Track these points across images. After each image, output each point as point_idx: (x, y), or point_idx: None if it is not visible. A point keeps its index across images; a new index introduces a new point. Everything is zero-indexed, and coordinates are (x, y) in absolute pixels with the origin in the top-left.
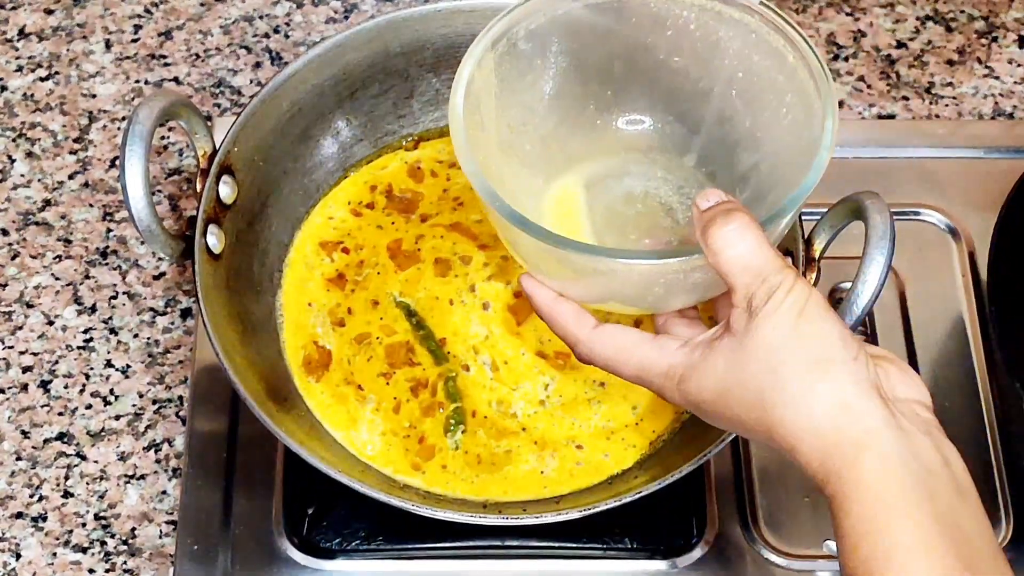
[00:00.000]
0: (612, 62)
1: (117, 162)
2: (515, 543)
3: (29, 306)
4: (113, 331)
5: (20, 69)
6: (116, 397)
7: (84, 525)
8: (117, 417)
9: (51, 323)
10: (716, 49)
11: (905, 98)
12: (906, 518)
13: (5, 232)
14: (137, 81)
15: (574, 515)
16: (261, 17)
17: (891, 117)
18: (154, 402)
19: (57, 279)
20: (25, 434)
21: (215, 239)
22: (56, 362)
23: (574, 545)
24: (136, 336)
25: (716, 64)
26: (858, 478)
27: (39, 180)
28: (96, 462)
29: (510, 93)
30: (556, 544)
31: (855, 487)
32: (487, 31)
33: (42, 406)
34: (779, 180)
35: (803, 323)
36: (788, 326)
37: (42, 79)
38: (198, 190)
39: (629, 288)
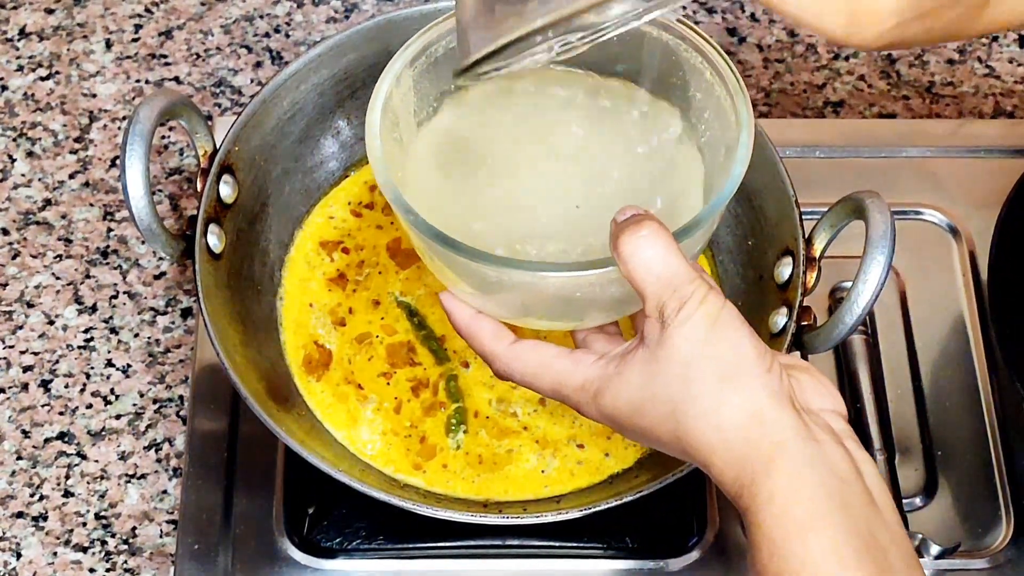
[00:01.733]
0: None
1: (118, 162)
2: (516, 542)
3: (30, 305)
4: (114, 330)
5: (21, 69)
6: (117, 396)
7: (85, 524)
8: (118, 416)
9: (52, 323)
10: (640, 64)
11: (906, 97)
12: (818, 530)
13: (6, 231)
14: (138, 81)
15: (574, 514)
16: (262, 17)
17: (891, 116)
18: (155, 401)
19: (58, 278)
20: (26, 433)
21: (216, 238)
22: (57, 362)
23: (575, 545)
24: (137, 336)
25: (639, 77)
26: (770, 490)
27: (40, 179)
28: (97, 461)
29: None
30: (556, 544)
31: (767, 499)
32: (405, 48)
33: (43, 405)
34: (709, 189)
35: (715, 334)
36: (700, 337)
37: (43, 79)
38: (198, 189)
39: (545, 302)
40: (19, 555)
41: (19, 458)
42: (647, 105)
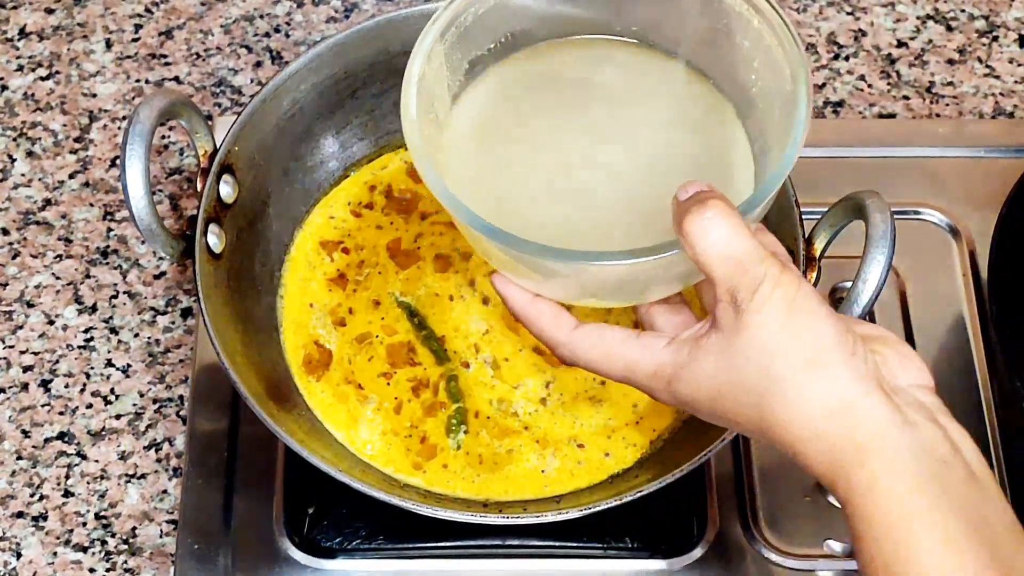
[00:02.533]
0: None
1: (118, 161)
2: (516, 542)
3: (30, 305)
4: (114, 330)
5: (21, 68)
6: (117, 396)
7: (85, 524)
8: (118, 416)
9: (52, 322)
10: (680, 16)
11: (906, 97)
12: (926, 517)
13: (6, 231)
14: (138, 80)
15: (575, 514)
16: (262, 16)
17: (892, 116)
18: (155, 401)
19: (58, 278)
20: (26, 433)
21: (216, 238)
22: (57, 361)
23: (575, 544)
24: (137, 335)
25: (677, 33)
26: (870, 481)
27: (40, 179)
28: (97, 461)
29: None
30: (557, 543)
31: (868, 490)
32: (433, 22)
33: (43, 405)
34: (765, 150)
35: (794, 319)
36: (778, 323)
37: (43, 78)
38: (199, 189)
39: (606, 285)
40: (19, 555)
41: (19, 458)
42: (687, 76)
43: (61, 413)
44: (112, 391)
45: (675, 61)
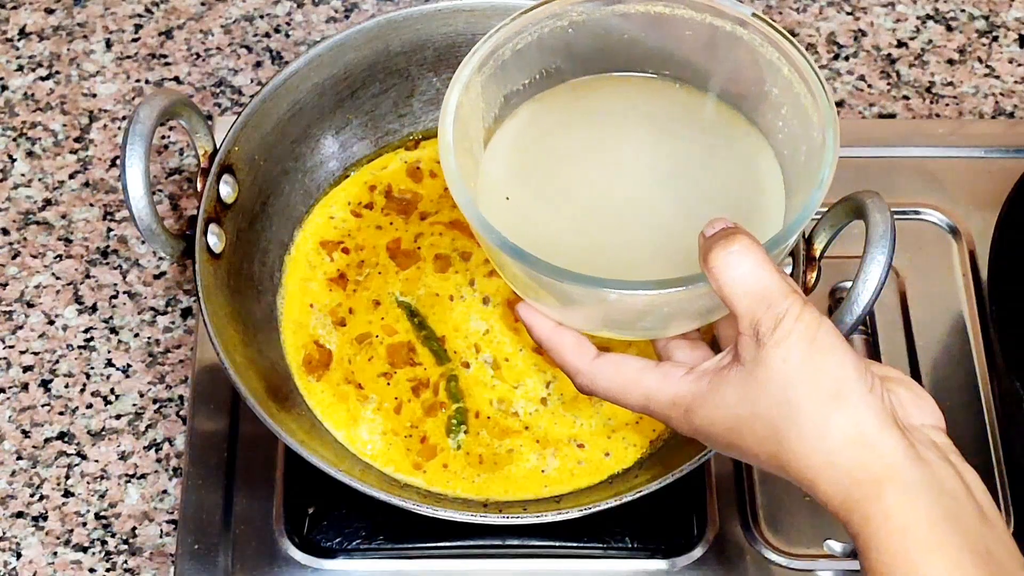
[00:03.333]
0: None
1: (118, 161)
2: (516, 542)
3: (30, 305)
4: (114, 330)
5: (21, 68)
6: (117, 396)
7: (85, 524)
8: (118, 416)
9: (52, 322)
10: (711, 60)
11: (906, 97)
12: (937, 551)
13: (6, 231)
14: (138, 80)
15: (575, 514)
16: (262, 16)
17: (891, 116)
18: (155, 401)
19: (58, 278)
20: (26, 433)
21: (216, 238)
22: (57, 361)
23: (575, 544)
24: (137, 335)
25: (708, 76)
26: (884, 513)
27: (40, 179)
28: (97, 461)
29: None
30: (557, 543)
31: (882, 523)
32: (473, 54)
33: (43, 405)
34: (790, 191)
35: (815, 353)
36: (799, 357)
37: (43, 78)
38: (199, 189)
39: (629, 316)
40: (19, 555)
41: (19, 458)
42: (718, 110)
43: (61, 413)
44: (112, 391)
45: (707, 97)
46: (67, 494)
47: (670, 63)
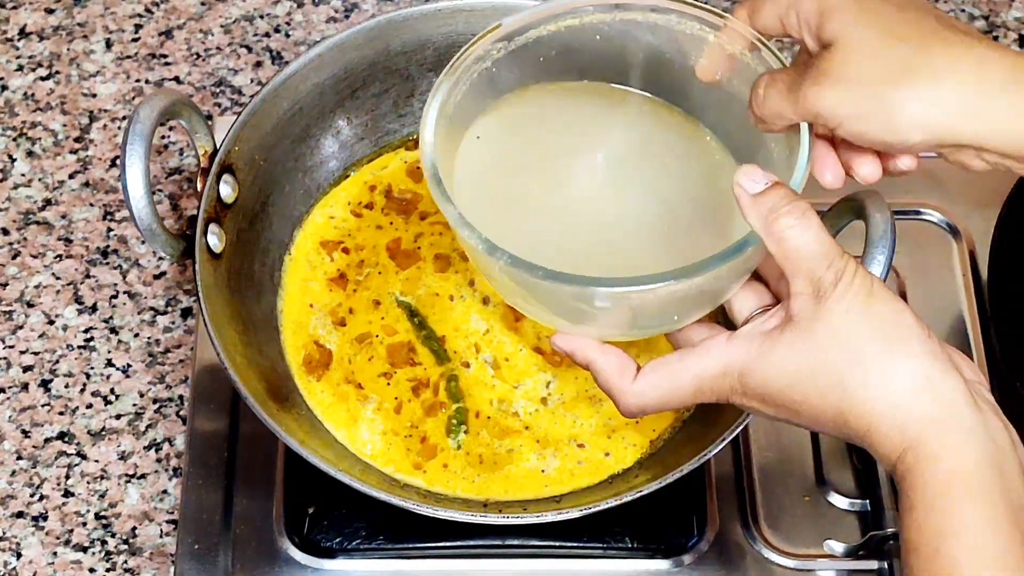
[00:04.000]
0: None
1: (118, 161)
2: (516, 542)
3: (30, 305)
4: (114, 330)
5: (21, 68)
6: (117, 396)
7: (85, 524)
8: (118, 416)
9: (52, 322)
10: (687, 77)
11: None
12: (979, 495)
13: (6, 231)
14: (138, 80)
15: (575, 514)
16: (262, 16)
17: None
18: (155, 401)
19: (58, 278)
20: (26, 433)
21: (216, 238)
22: (57, 361)
23: (575, 544)
24: (137, 335)
25: (688, 91)
26: (937, 451)
27: (40, 179)
28: (97, 461)
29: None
30: (557, 543)
31: (933, 458)
32: (462, 54)
33: (43, 405)
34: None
35: (875, 303)
36: (861, 307)
37: (43, 78)
38: (199, 189)
39: (647, 312)
40: (19, 555)
41: (19, 458)
42: (686, 118)
43: (61, 413)
44: (112, 391)
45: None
46: (67, 494)
47: (649, 77)
